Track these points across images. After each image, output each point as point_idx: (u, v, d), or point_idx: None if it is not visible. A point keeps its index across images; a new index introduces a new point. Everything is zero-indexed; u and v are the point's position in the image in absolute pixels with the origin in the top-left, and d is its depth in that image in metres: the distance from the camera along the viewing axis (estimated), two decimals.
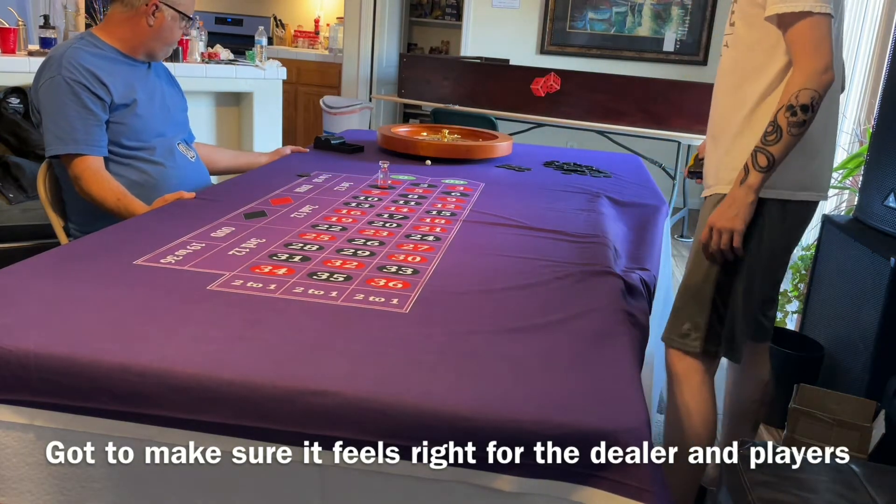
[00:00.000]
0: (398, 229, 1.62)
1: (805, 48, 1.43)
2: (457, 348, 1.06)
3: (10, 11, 3.35)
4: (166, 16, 1.96)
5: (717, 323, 1.62)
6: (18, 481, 1.00)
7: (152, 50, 2.01)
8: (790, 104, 1.43)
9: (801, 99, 1.42)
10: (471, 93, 4.68)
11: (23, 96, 3.04)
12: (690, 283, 1.64)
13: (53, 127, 1.83)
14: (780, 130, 1.44)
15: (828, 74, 1.42)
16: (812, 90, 1.41)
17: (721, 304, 1.61)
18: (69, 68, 1.83)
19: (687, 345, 1.65)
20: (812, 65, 1.42)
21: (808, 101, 1.41)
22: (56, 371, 0.96)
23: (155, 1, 1.93)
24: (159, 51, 2.03)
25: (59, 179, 1.96)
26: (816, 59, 1.42)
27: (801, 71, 1.43)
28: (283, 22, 6.83)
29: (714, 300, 1.61)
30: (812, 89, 1.41)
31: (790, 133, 1.43)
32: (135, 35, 1.96)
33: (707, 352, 1.64)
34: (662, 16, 5.28)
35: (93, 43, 1.93)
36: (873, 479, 1.43)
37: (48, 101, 1.84)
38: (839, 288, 2.32)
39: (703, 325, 1.62)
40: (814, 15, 1.41)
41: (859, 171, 2.71)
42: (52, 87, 1.83)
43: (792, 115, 1.42)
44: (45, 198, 1.96)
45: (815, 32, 1.42)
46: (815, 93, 1.41)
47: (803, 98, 1.41)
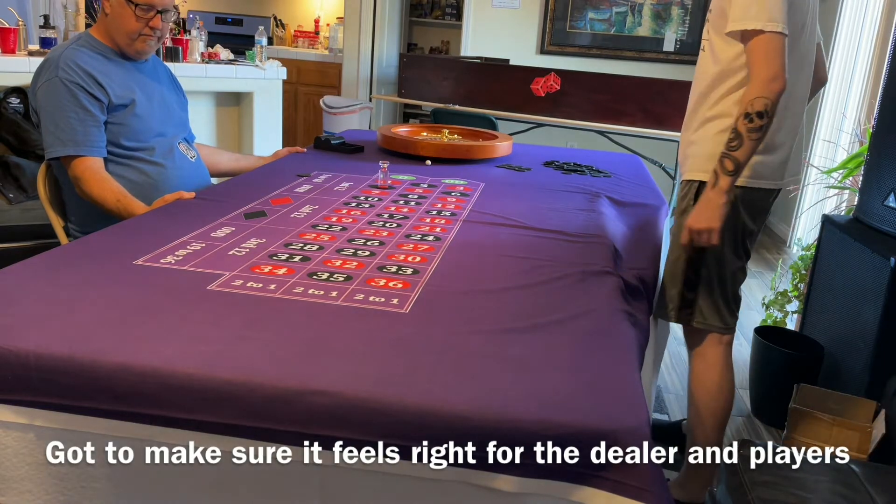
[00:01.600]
0: (398, 229, 1.62)
1: (757, 61, 1.59)
2: (457, 348, 1.06)
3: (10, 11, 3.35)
4: (113, 3, 1.91)
5: (689, 292, 1.78)
6: (18, 481, 1.00)
7: (120, 43, 1.95)
8: (747, 112, 1.58)
9: (756, 106, 1.57)
10: (471, 93, 4.67)
11: (23, 96, 3.03)
12: (669, 258, 1.81)
13: (53, 129, 1.83)
14: (741, 137, 1.58)
15: (777, 83, 1.56)
16: (764, 98, 1.56)
17: (693, 275, 1.77)
18: (66, 70, 1.83)
19: (666, 315, 1.82)
20: (762, 75, 1.57)
21: (761, 108, 1.56)
22: (56, 371, 0.96)
23: None
24: (126, 43, 1.95)
25: (59, 180, 1.96)
26: (766, 70, 1.57)
27: (753, 81, 1.59)
28: (283, 22, 6.83)
29: (686, 273, 1.77)
30: (764, 97, 1.56)
31: (750, 138, 1.58)
32: (105, 28, 1.95)
33: (681, 319, 1.81)
34: (662, 16, 5.28)
35: (90, 43, 1.93)
36: (873, 479, 1.43)
37: (46, 103, 1.84)
38: (839, 288, 2.32)
39: (675, 296, 1.79)
40: (766, 32, 1.56)
41: (859, 171, 2.71)
42: (50, 88, 1.83)
43: (749, 121, 1.57)
44: (45, 198, 1.96)
45: (767, 47, 1.57)
46: (767, 100, 1.56)
47: (757, 105, 1.56)
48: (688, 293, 1.78)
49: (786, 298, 2.79)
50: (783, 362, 2.37)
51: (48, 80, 1.83)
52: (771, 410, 2.40)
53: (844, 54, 4.00)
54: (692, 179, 1.77)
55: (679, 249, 1.77)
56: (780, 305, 2.80)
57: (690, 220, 1.67)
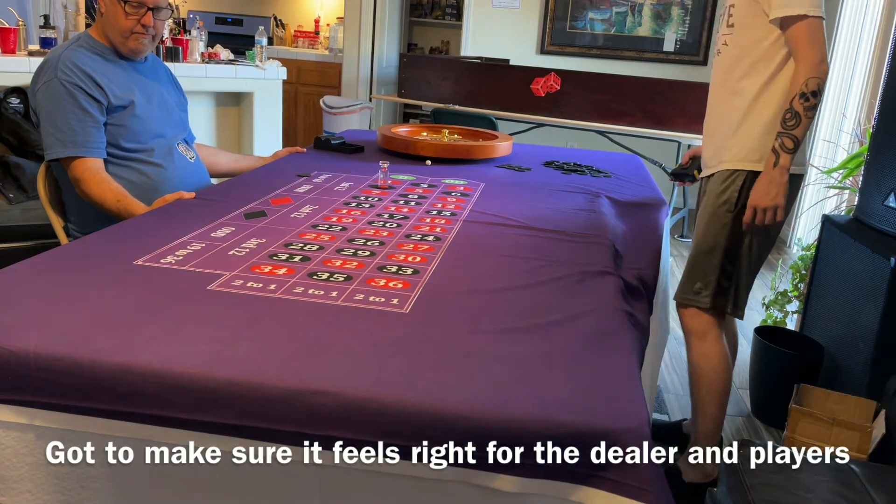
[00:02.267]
0: (398, 229, 1.62)
1: (805, 44, 1.69)
2: (457, 348, 1.06)
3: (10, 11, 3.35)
4: (106, 1, 1.91)
5: (725, 280, 1.86)
6: (18, 481, 0.99)
7: (115, 42, 1.95)
8: (802, 92, 1.68)
9: (810, 86, 1.67)
10: (471, 93, 4.67)
11: (23, 96, 3.03)
12: (703, 248, 1.86)
13: (52, 130, 1.83)
14: (798, 116, 1.69)
15: (825, 65, 1.68)
16: (817, 78, 1.67)
17: (729, 264, 1.85)
18: (65, 71, 1.83)
19: (698, 301, 1.88)
20: (813, 57, 1.68)
21: (815, 88, 1.67)
22: (56, 371, 0.96)
23: None
24: (120, 42, 1.94)
25: (59, 181, 1.96)
26: (815, 52, 1.68)
27: (804, 63, 1.68)
28: (283, 22, 6.83)
29: (722, 261, 1.84)
30: (816, 77, 1.67)
31: (807, 116, 1.69)
32: (101, 29, 1.95)
33: (716, 306, 1.87)
34: (662, 16, 5.28)
35: (89, 44, 1.93)
36: (873, 479, 1.43)
37: (46, 104, 1.84)
38: (839, 288, 2.32)
39: (712, 282, 1.85)
40: (809, 17, 1.67)
41: (859, 171, 2.71)
42: (50, 90, 1.83)
43: (805, 100, 1.68)
44: (45, 198, 1.96)
45: (813, 32, 1.68)
46: (819, 80, 1.68)
47: (812, 85, 1.67)
48: (724, 282, 1.85)
49: (786, 298, 2.79)
50: (783, 362, 2.37)
51: (47, 82, 1.83)
52: (771, 410, 2.40)
53: (844, 54, 4.00)
54: (736, 169, 1.82)
55: (714, 240, 1.84)
56: (780, 305, 2.80)
57: (755, 199, 1.74)
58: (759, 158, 1.78)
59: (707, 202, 1.87)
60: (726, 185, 1.82)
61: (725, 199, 1.82)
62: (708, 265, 1.85)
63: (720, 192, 1.83)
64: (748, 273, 1.86)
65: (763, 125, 1.78)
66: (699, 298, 1.87)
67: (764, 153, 1.76)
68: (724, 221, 1.82)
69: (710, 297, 1.86)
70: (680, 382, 2.67)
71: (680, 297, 1.91)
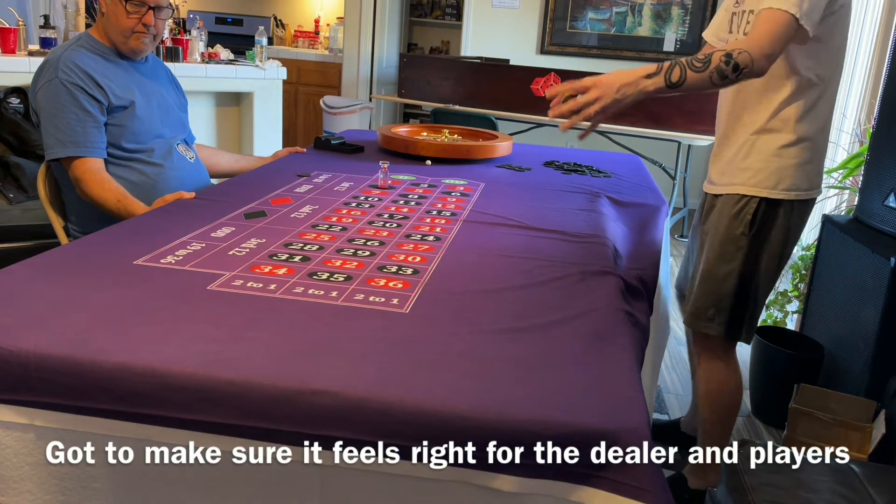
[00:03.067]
0: (398, 229, 1.62)
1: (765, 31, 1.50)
2: (457, 348, 1.06)
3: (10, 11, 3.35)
4: (107, 1, 1.91)
5: (739, 306, 1.77)
6: (18, 481, 0.99)
7: (116, 42, 1.96)
8: (729, 53, 1.48)
9: (741, 59, 1.47)
10: (471, 93, 4.67)
11: (23, 96, 3.04)
12: (716, 272, 1.77)
13: (53, 130, 1.83)
14: (708, 65, 1.48)
15: (765, 62, 1.49)
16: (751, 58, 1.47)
17: (743, 292, 1.76)
18: (66, 71, 1.83)
19: (711, 328, 1.79)
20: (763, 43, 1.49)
21: (741, 63, 1.47)
22: (56, 371, 0.96)
23: None
24: (121, 41, 1.95)
25: (59, 181, 1.96)
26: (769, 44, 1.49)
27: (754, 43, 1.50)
28: (283, 22, 6.83)
29: (737, 288, 1.76)
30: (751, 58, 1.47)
31: (712, 76, 1.49)
32: (102, 29, 1.95)
33: (729, 334, 1.79)
34: (662, 16, 5.28)
35: (89, 44, 1.93)
36: (873, 479, 1.43)
37: (47, 105, 1.84)
38: (839, 288, 2.32)
39: (726, 309, 1.77)
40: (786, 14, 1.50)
41: (859, 171, 2.71)
42: (50, 90, 1.83)
43: (726, 63, 1.48)
44: (45, 198, 1.96)
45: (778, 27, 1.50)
46: (751, 64, 1.48)
47: (742, 59, 1.47)
48: (738, 309, 1.77)
49: (786, 298, 2.79)
50: (783, 362, 2.37)
51: (48, 82, 1.83)
52: (771, 410, 2.40)
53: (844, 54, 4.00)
54: (748, 195, 1.73)
55: (728, 265, 1.75)
56: (780, 305, 2.80)
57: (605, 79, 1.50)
58: (775, 185, 1.70)
59: (718, 224, 1.78)
60: (739, 208, 1.74)
61: (739, 222, 1.73)
62: (721, 291, 1.76)
63: (733, 215, 1.74)
64: (759, 299, 1.79)
65: (776, 148, 1.69)
66: (712, 326, 1.79)
67: (779, 178, 1.70)
68: (738, 245, 1.74)
69: (724, 324, 1.78)
70: (680, 382, 2.67)
71: (691, 321, 1.84)
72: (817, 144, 1.72)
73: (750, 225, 1.73)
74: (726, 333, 1.79)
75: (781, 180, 1.70)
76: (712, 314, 1.78)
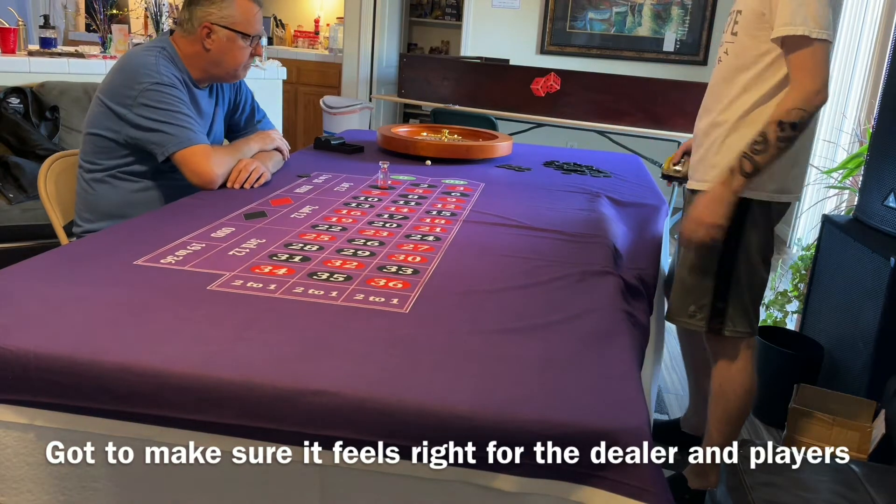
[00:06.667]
0: (398, 229, 1.62)
1: (803, 70, 1.55)
2: (457, 348, 1.06)
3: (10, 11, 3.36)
4: (221, 37, 1.87)
5: (719, 301, 1.77)
6: (18, 481, 1.00)
7: (216, 76, 1.95)
8: (781, 120, 1.54)
9: (792, 117, 1.54)
10: (471, 93, 4.67)
11: (23, 96, 3.04)
12: (694, 269, 1.78)
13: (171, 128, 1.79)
14: (767, 143, 1.56)
15: (820, 96, 1.54)
16: (803, 110, 1.54)
17: (723, 287, 1.76)
18: (167, 75, 1.83)
19: (693, 324, 1.81)
20: (808, 87, 1.54)
21: (797, 120, 1.54)
22: (56, 371, 0.96)
23: (207, 24, 1.85)
24: (225, 76, 1.96)
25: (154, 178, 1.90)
26: (812, 82, 1.54)
27: (797, 91, 1.55)
28: (283, 22, 6.83)
29: (716, 283, 1.76)
30: (803, 109, 1.54)
31: (777, 147, 1.56)
32: (199, 60, 1.91)
33: (712, 329, 1.80)
34: (662, 16, 5.28)
35: (175, 64, 1.89)
36: (873, 479, 1.43)
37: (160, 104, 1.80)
38: (839, 288, 2.32)
39: (707, 305, 1.78)
40: (813, 40, 1.52)
41: (859, 171, 2.71)
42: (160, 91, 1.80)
43: (781, 130, 1.55)
44: (45, 198, 1.96)
45: (814, 57, 1.54)
46: (806, 113, 1.54)
47: (794, 116, 1.54)
48: (718, 303, 1.77)
49: (786, 298, 2.79)
50: (783, 362, 2.37)
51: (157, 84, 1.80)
52: (771, 410, 2.40)
53: (844, 54, 4.00)
54: None
55: (706, 262, 1.75)
56: (780, 305, 2.80)
57: (697, 213, 1.66)
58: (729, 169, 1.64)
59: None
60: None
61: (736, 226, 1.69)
62: (701, 287, 1.77)
63: None
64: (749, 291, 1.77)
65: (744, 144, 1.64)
66: (694, 321, 1.80)
67: None
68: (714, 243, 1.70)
69: (706, 320, 1.78)
70: (680, 382, 2.67)
71: (674, 317, 1.84)
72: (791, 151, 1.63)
73: None
74: (708, 327, 1.79)
75: None
76: (693, 311, 1.80)
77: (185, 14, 1.90)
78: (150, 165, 1.87)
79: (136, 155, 1.85)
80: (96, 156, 1.86)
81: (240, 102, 2.17)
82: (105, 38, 3.69)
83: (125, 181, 1.87)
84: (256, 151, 2.04)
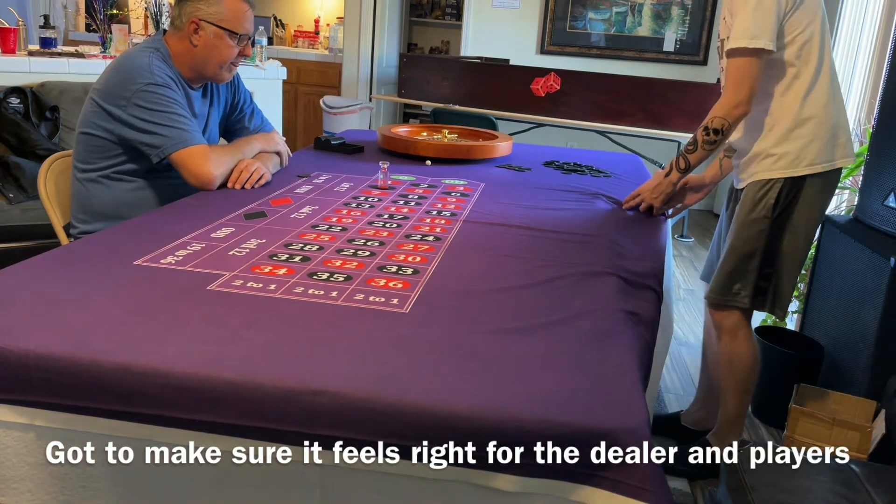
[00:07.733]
0: (398, 229, 1.62)
1: (730, 83, 1.75)
2: (457, 348, 1.06)
3: (10, 11, 3.36)
4: (209, 34, 1.87)
5: (763, 281, 1.90)
6: (18, 481, 1.00)
7: (204, 74, 1.94)
8: (706, 126, 1.79)
9: (714, 124, 1.78)
10: (471, 93, 4.67)
11: (23, 96, 3.04)
12: (742, 252, 1.89)
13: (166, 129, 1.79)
14: (696, 144, 1.83)
15: (739, 108, 1.74)
16: (723, 119, 1.76)
17: (767, 266, 1.88)
18: (161, 76, 1.82)
19: (738, 301, 1.91)
20: (729, 99, 1.75)
21: (718, 127, 1.78)
22: (56, 371, 0.96)
23: (195, 19, 1.85)
24: (212, 73, 1.94)
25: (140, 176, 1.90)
26: (734, 95, 1.73)
27: (722, 101, 1.77)
28: (283, 22, 6.83)
29: (761, 264, 1.88)
30: (723, 118, 1.76)
31: (703, 148, 1.82)
32: (186, 58, 1.90)
33: (754, 306, 1.92)
34: (662, 16, 5.28)
35: (168, 65, 1.89)
36: (873, 479, 1.43)
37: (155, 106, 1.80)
38: (839, 288, 2.32)
39: (751, 283, 1.89)
40: (742, 52, 1.70)
41: (859, 171, 2.71)
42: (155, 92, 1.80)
43: (706, 134, 1.80)
44: (45, 198, 1.96)
45: (741, 72, 1.72)
46: (726, 122, 1.76)
47: (716, 124, 1.77)
48: (762, 283, 1.89)
49: None
50: (783, 362, 2.37)
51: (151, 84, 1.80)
52: (771, 410, 2.40)
53: (844, 54, 4.00)
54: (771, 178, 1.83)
55: (753, 245, 1.87)
56: None
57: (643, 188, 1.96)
58: (792, 164, 1.80)
59: (743, 209, 1.90)
60: (763, 192, 1.84)
61: (763, 205, 1.84)
62: (747, 269, 1.88)
63: (757, 199, 1.86)
64: (790, 273, 1.89)
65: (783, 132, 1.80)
66: (738, 299, 1.91)
67: (796, 157, 1.80)
68: (761, 227, 1.85)
69: (749, 297, 1.90)
70: (680, 382, 2.67)
71: (718, 298, 1.94)
72: (827, 118, 1.79)
73: (773, 207, 1.83)
74: (751, 305, 1.91)
75: (799, 158, 1.80)
76: (738, 288, 1.91)
77: (175, 11, 1.91)
78: (143, 165, 1.87)
79: (130, 155, 1.85)
80: (89, 156, 1.86)
81: (238, 103, 2.16)
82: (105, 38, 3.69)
83: (119, 181, 1.87)
84: (259, 151, 2.05)
